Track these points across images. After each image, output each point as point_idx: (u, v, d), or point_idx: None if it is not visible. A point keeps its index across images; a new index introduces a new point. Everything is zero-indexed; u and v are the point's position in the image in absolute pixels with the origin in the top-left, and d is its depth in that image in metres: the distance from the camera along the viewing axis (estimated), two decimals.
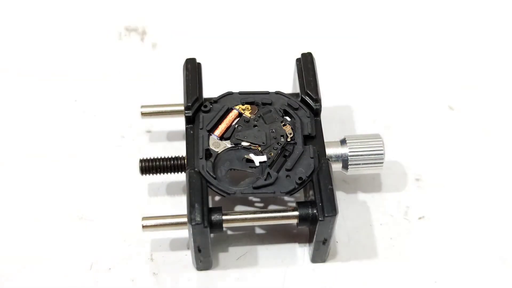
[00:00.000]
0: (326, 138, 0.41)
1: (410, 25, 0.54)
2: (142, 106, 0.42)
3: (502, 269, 0.41)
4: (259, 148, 0.40)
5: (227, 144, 0.40)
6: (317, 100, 0.41)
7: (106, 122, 0.47)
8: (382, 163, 0.41)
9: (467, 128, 0.48)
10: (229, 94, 0.42)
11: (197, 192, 0.37)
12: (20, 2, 0.54)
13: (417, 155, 0.46)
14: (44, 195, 0.43)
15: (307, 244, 0.41)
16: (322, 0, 0.55)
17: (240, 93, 0.42)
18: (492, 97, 0.50)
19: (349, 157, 0.41)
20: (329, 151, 0.41)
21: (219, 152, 0.39)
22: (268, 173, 0.38)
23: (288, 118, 0.41)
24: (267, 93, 0.42)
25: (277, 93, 0.42)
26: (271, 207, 0.43)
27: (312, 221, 0.38)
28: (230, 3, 0.55)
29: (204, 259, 0.39)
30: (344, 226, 0.42)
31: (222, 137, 0.40)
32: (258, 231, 0.42)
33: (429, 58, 0.52)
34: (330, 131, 0.44)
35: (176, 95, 0.45)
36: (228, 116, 0.41)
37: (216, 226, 0.38)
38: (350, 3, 0.55)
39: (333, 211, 0.37)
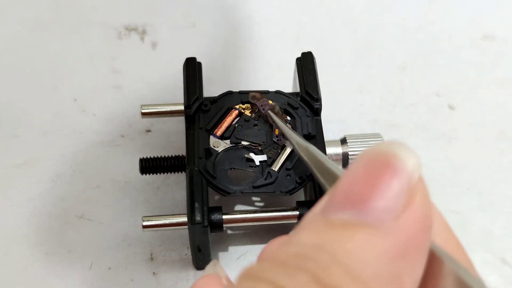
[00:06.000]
0: (326, 138, 0.40)
1: (409, 24, 0.54)
2: (142, 106, 0.42)
3: (502, 269, 0.41)
4: (259, 147, 0.39)
5: (227, 143, 0.40)
6: (318, 99, 0.41)
7: (105, 122, 0.47)
8: None
9: (467, 128, 0.48)
10: (229, 93, 0.42)
11: (197, 192, 0.37)
12: (21, 2, 0.54)
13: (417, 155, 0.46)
14: (43, 195, 0.43)
15: None
16: None
17: (240, 93, 0.42)
18: (492, 97, 0.50)
19: (349, 156, 0.41)
20: (330, 150, 0.41)
21: (219, 151, 0.39)
22: (268, 172, 0.38)
23: (288, 118, 0.41)
24: (267, 92, 0.42)
25: (277, 92, 0.42)
26: (271, 206, 0.42)
27: None
28: (230, 2, 0.55)
29: (204, 259, 0.39)
30: None
31: (222, 137, 0.40)
32: (258, 230, 0.42)
33: (428, 58, 0.52)
34: (330, 131, 0.44)
35: (176, 95, 0.45)
36: (228, 116, 0.41)
37: (216, 226, 0.38)
38: (350, 2, 0.55)
39: None
